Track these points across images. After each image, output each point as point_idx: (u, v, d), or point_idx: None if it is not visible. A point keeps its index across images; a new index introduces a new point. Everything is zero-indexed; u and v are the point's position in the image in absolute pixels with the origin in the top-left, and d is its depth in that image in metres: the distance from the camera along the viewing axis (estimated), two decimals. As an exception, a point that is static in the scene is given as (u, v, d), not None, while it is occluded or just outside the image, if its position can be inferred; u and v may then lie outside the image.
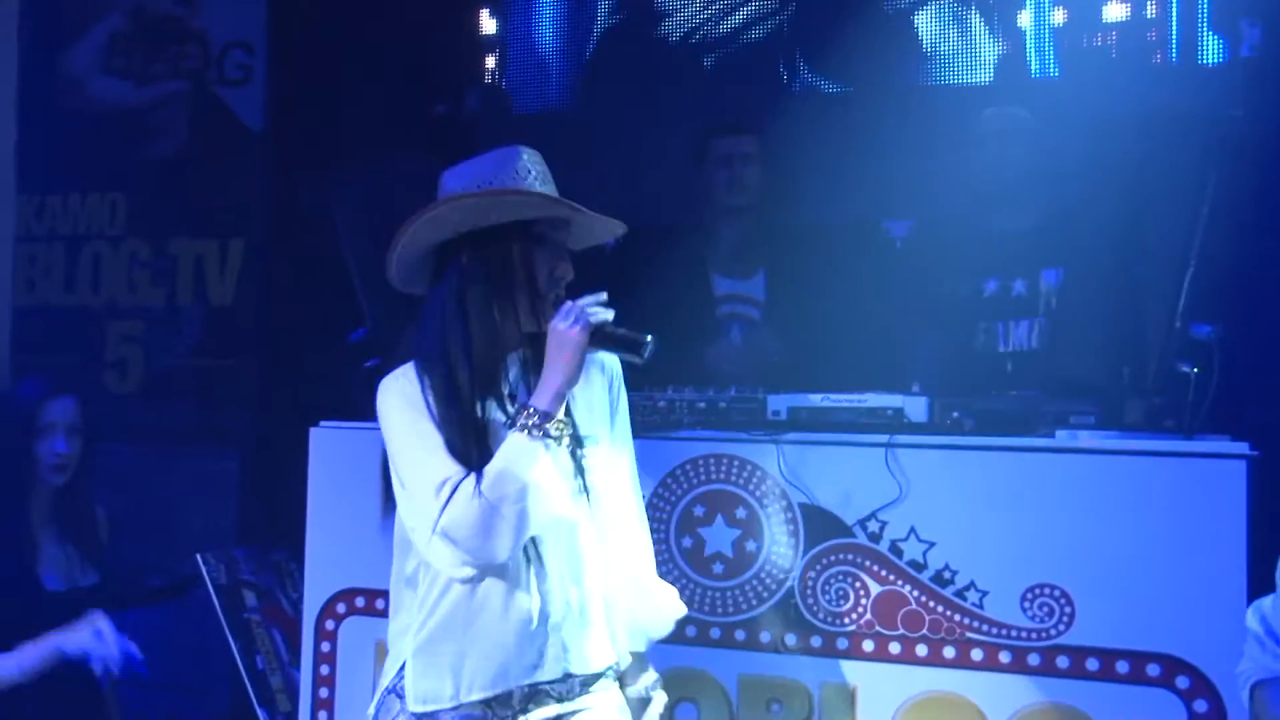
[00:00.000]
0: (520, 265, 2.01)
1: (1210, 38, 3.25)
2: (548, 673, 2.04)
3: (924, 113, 3.65)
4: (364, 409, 3.27)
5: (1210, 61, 3.33)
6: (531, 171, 2.07)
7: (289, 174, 4.27)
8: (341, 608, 3.08)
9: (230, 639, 3.39)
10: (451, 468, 1.95)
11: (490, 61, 4.44)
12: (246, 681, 3.32)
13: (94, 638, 3.00)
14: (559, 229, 2.08)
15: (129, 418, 4.53)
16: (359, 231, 3.16)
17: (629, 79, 4.39)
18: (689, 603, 2.78)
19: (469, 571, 1.97)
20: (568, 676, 2.07)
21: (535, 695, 2.05)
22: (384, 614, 3.08)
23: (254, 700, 3.30)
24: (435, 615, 2.03)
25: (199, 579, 3.97)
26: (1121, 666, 2.49)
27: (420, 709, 2.03)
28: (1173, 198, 2.57)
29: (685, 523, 2.82)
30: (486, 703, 2.02)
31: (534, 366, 2.02)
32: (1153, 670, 2.47)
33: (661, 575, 2.78)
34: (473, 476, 1.94)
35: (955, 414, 2.71)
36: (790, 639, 2.73)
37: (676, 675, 2.78)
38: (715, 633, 2.79)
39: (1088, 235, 2.74)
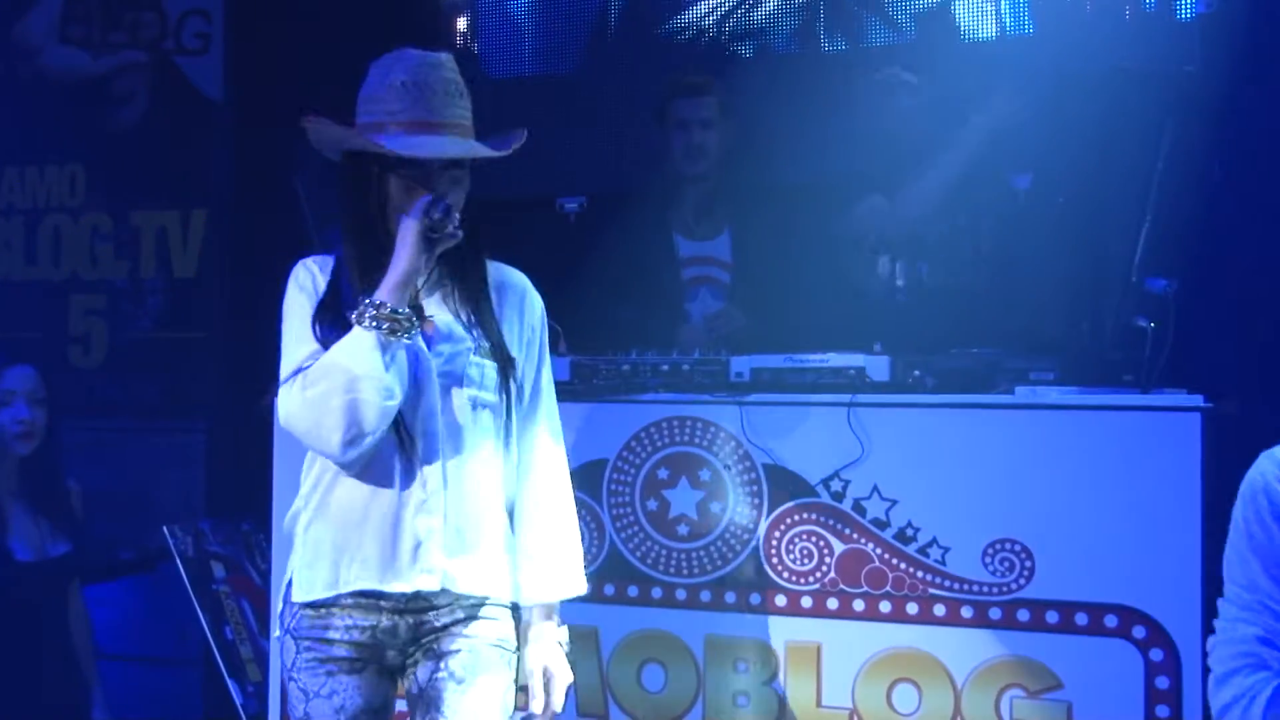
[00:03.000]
0: (375, 190, 1.99)
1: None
2: (423, 583, 1.99)
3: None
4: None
5: (1185, 17, 3.32)
6: (411, 93, 1.97)
7: (250, 143, 4.24)
8: (309, 577, 3.08)
9: (199, 611, 3.39)
10: (305, 358, 1.95)
11: (461, 24, 4.38)
12: (215, 653, 3.33)
13: None
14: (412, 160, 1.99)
15: (94, 392, 4.51)
16: (322, 202, 3.14)
17: (600, 45, 4.36)
18: (654, 565, 2.82)
19: (329, 461, 1.98)
20: (447, 594, 2.01)
21: (417, 602, 2.01)
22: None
23: (223, 671, 3.31)
24: (314, 504, 2.03)
25: (168, 552, 3.98)
26: (1080, 619, 2.53)
27: (303, 598, 2.01)
28: (1129, 152, 2.58)
29: (649, 485, 2.83)
30: (368, 599, 1.99)
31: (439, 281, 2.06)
32: (1110, 621, 2.50)
33: (626, 538, 2.84)
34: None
35: (917, 372, 2.72)
36: (755, 599, 2.75)
37: (642, 637, 2.81)
38: (681, 594, 2.81)
39: (1045, 190, 2.75)
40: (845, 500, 2.70)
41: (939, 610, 2.62)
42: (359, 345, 1.90)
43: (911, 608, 2.65)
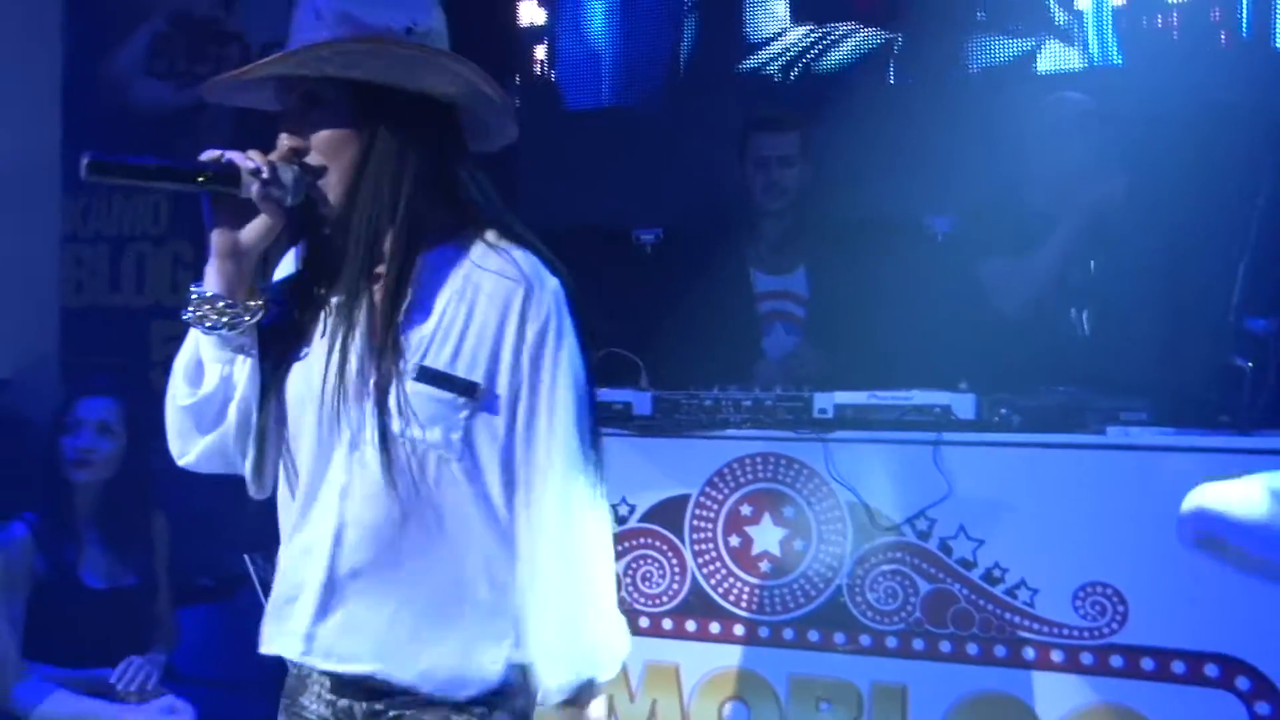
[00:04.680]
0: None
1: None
2: (315, 659, 1.61)
3: (972, 101, 3.59)
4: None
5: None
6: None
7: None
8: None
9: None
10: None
11: (540, 53, 4.39)
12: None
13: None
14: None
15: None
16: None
17: (675, 77, 4.37)
18: (737, 602, 2.80)
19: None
20: (348, 678, 1.60)
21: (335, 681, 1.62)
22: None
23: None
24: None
25: (246, 578, 4.01)
26: (1178, 667, 2.46)
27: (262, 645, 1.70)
28: (1227, 188, 2.53)
29: (732, 522, 2.81)
30: (293, 666, 1.66)
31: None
32: (1211, 671, 2.43)
33: (708, 574, 2.82)
34: None
35: (1003, 411, 2.69)
36: (839, 638, 2.72)
37: (725, 675, 2.78)
38: (764, 632, 2.78)
39: (1140, 227, 2.70)
40: (931, 539, 2.66)
41: (1028, 654, 2.57)
42: (188, 338, 1.62)
43: (999, 650, 2.60)
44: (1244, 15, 3.37)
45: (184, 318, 1.57)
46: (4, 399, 4.37)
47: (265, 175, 1.51)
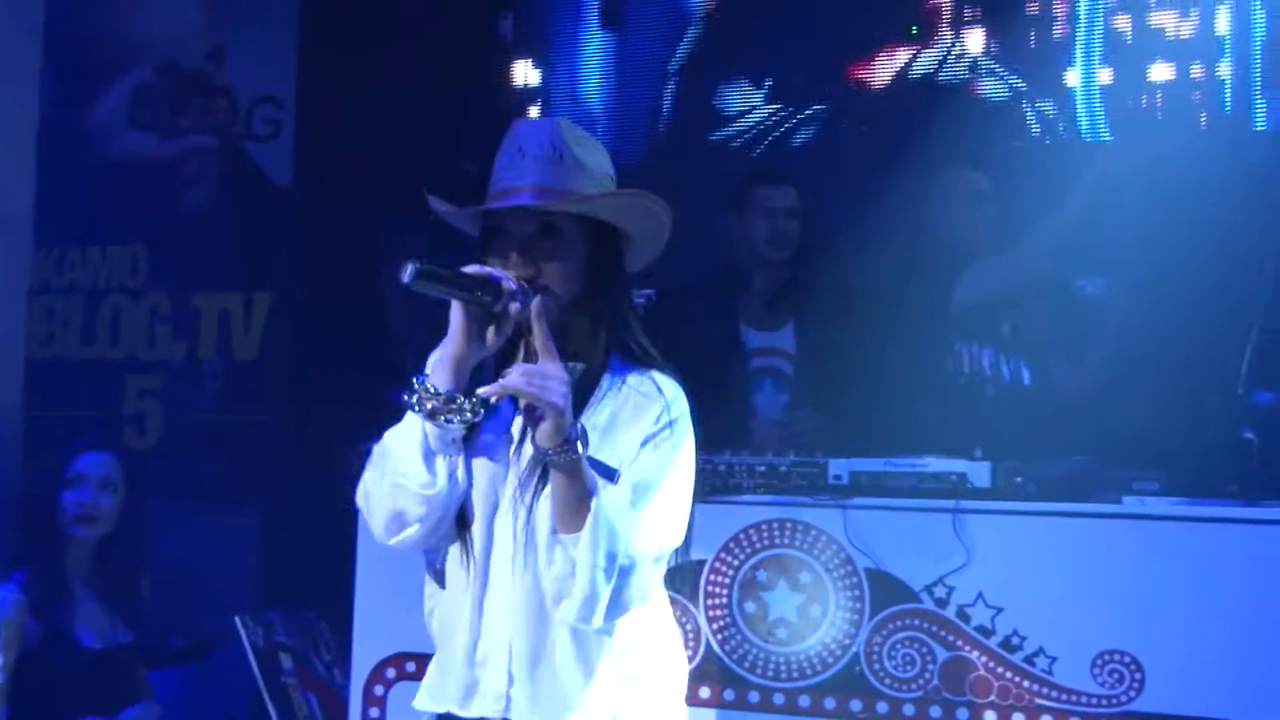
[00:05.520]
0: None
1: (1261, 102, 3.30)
2: (488, 710, 1.79)
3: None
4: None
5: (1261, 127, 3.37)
6: (500, 161, 1.83)
7: (318, 229, 4.27)
8: (391, 673, 3.03)
9: (269, 705, 3.33)
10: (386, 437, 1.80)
11: (534, 113, 4.43)
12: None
13: None
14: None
15: (147, 474, 4.47)
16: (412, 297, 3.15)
17: (658, 136, 4.42)
18: (751, 668, 2.79)
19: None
20: None
21: None
22: (436, 679, 3.06)
23: (294, 768, 3.25)
24: (426, 602, 1.90)
25: (220, 639, 3.92)
26: (1195, 734, 2.50)
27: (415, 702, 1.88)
28: (1237, 263, 2.61)
29: (747, 587, 2.80)
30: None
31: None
32: (1228, 738, 2.47)
33: (723, 640, 2.80)
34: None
35: (1019, 479, 2.72)
36: (855, 705, 2.72)
37: (741, 742, 2.77)
38: (778, 699, 2.77)
39: (1150, 297, 2.77)
40: (949, 607, 2.68)
41: (1046, 721, 2.60)
42: (404, 426, 1.76)
43: (1018, 718, 2.61)
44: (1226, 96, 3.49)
45: (412, 408, 1.72)
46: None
47: (520, 296, 1.71)
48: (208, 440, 4.44)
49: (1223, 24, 3.26)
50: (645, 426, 1.78)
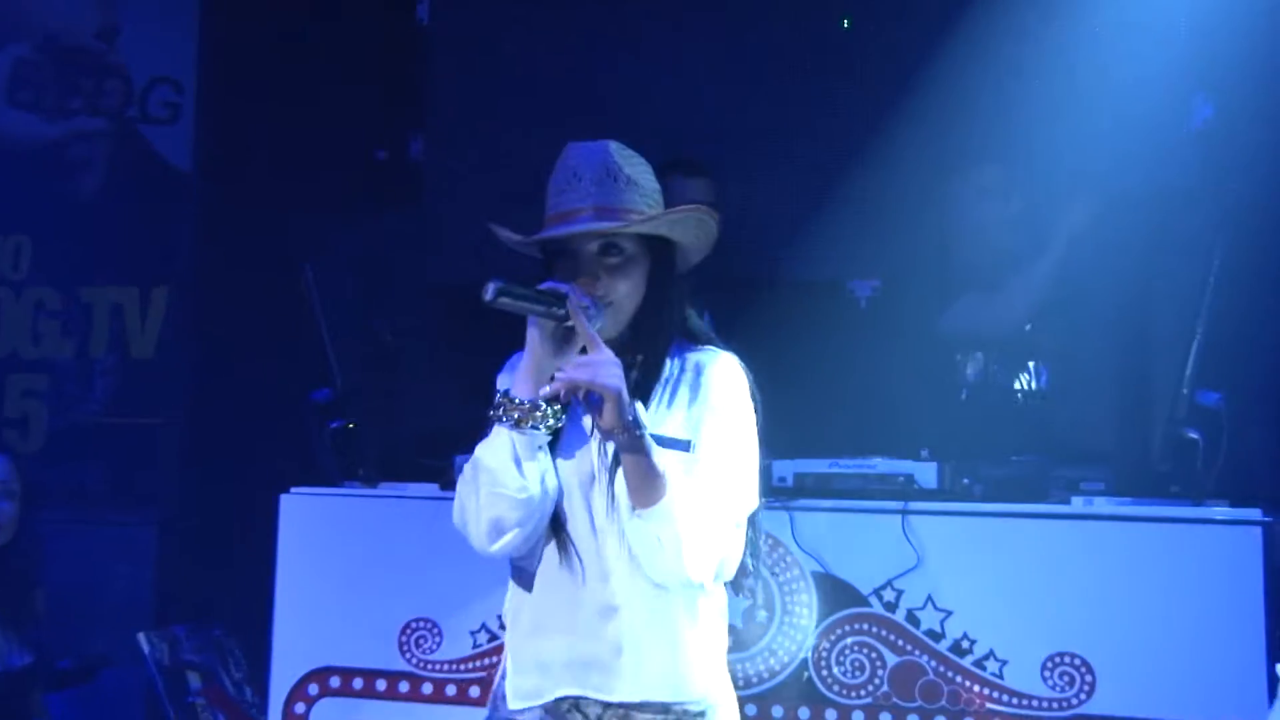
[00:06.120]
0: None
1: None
2: (586, 690, 1.88)
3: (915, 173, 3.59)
4: (331, 473, 3.11)
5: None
6: (557, 184, 1.92)
7: (220, 218, 4.05)
8: (314, 689, 2.87)
9: (175, 727, 3.13)
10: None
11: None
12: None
13: None
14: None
15: (30, 479, 4.20)
16: (338, 289, 2.99)
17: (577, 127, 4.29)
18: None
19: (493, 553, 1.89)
20: (605, 705, 1.88)
21: (580, 706, 1.89)
22: (362, 694, 2.90)
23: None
24: (509, 610, 1.97)
25: (111, 659, 3.68)
26: (1146, 736, 2.49)
27: (511, 705, 1.92)
28: (1183, 267, 2.61)
29: (691, 593, 2.71)
30: (546, 708, 1.90)
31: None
32: (1179, 740, 2.47)
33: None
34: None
35: (965, 480, 2.69)
36: (804, 713, 2.65)
37: (688, 754, 2.67)
38: (724, 708, 2.69)
39: (1099, 299, 2.76)
40: (898, 610, 2.63)
41: (997, 726, 2.57)
42: (492, 439, 1.87)
43: (968, 723, 2.58)
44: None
45: (499, 420, 1.83)
46: None
47: (591, 311, 1.81)
48: (98, 444, 4.18)
49: (1157, 22, 3.27)
50: (709, 400, 1.89)
